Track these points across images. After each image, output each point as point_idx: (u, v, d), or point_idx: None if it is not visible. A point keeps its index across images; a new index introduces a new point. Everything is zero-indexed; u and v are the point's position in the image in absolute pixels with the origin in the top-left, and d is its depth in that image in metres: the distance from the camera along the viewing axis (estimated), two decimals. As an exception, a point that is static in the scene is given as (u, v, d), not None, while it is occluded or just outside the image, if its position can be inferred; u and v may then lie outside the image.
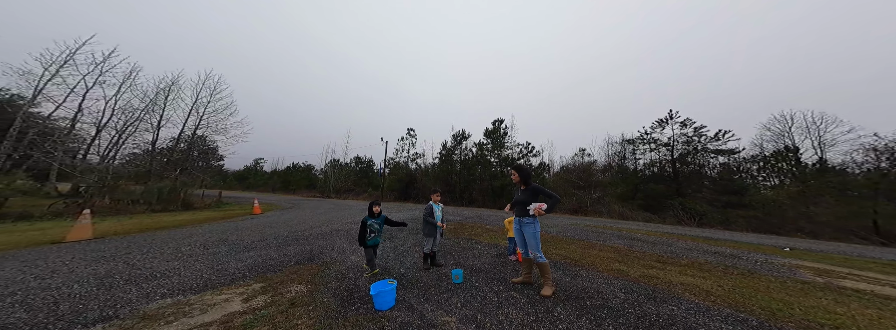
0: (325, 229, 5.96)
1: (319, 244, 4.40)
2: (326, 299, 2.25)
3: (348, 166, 34.40)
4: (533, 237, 2.42)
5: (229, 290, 2.44)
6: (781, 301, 2.44)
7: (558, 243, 4.94)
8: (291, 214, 9.42)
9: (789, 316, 2.12)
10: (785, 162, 16.04)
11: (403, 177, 25.22)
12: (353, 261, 3.44)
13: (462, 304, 2.19)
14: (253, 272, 2.94)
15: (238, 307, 2.08)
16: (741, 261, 4.25)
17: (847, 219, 10.77)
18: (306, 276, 2.84)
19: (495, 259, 3.64)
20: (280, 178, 39.97)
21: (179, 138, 14.84)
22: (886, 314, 2.25)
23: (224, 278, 2.73)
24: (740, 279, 3.15)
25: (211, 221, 7.27)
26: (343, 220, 7.81)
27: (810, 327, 1.93)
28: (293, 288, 2.50)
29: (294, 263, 3.33)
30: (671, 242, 5.97)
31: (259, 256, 3.59)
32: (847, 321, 2.06)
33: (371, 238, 2.73)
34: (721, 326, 1.86)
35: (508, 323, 1.87)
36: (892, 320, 2.13)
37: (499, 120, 22.84)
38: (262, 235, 5.19)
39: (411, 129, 28.21)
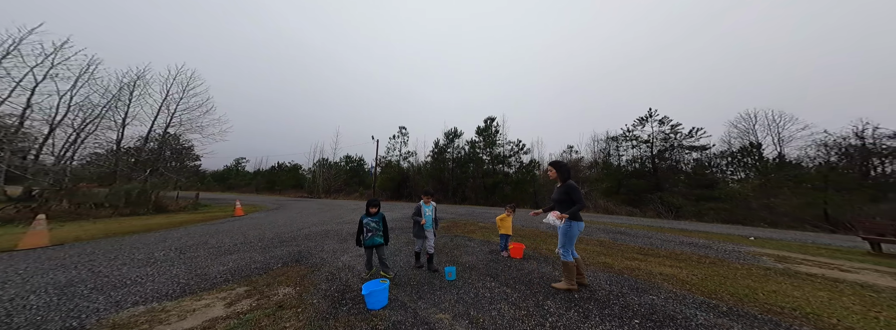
0: (314, 230, 5.79)
1: (308, 245, 4.27)
2: (316, 301, 2.19)
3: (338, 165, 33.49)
4: (563, 236, 2.39)
5: (210, 295, 2.31)
6: (747, 287, 2.65)
7: (547, 238, 5.09)
8: (277, 215, 9.07)
9: (754, 301, 2.30)
10: (750, 157, 17.36)
11: (395, 175, 24.92)
12: (345, 261, 3.37)
13: (455, 300, 2.20)
14: (236, 276, 2.80)
15: (220, 312, 1.98)
16: (712, 251, 4.57)
17: (802, 209, 11.87)
18: (294, 278, 2.74)
19: (488, 256, 3.69)
20: (264, 178, 38.36)
21: (148, 137, 13.78)
22: (835, 296, 2.51)
23: (204, 283, 2.58)
24: (712, 268, 3.39)
25: (187, 224, 6.85)
26: (334, 220, 7.62)
27: (772, 310, 2.11)
28: (280, 290, 2.42)
29: (281, 265, 3.21)
30: (651, 234, 6.32)
31: (242, 260, 3.42)
32: (802, 304, 2.27)
33: (368, 238, 2.66)
34: (695, 313, 1.99)
35: (501, 318, 1.90)
36: (839, 301, 2.37)
37: (490, 118, 23.01)
38: (246, 237, 4.96)
39: (403, 127, 27.85)
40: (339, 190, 28.11)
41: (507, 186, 19.84)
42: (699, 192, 15.15)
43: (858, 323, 1.92)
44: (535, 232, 5.84)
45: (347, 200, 22.66)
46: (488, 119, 23.10)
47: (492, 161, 22.07)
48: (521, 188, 19.58)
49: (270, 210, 10.79)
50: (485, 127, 22.99)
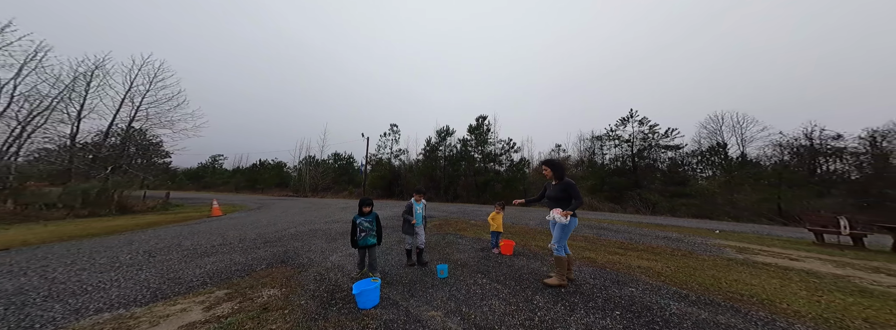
0: (300, 230, 5.58)
1: (295, 245, 4.12)
2: (304, 302, 2.12)
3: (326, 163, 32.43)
4: (560, 231, 2.42)
5: (186, 299, 2.17)
6: (713, 277, 2.88)
7: (536, 235, 5.23)
8: (260, 214, 8.65)
9: (718, 289, 2.51)
10: (716, 156, 18.82)
11: (386, 173, 24.53)
12: (334, 261, 3.28)
13: (447, 298, 2.22)
14: (215, 279, 2.65)
15: (198, 317, 1.87)
16: (683, 244, 4.92)
17: (759, 204, 13.05)
18: (280, 279, 2.64)
19: (479, 253, 3.73)
20: (244, 176, 36.42)
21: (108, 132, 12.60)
22: (785, 283, 2.79)
23: (178, 287, 2.42)
24: (683, 260, 3.65)
25: (157, 225, 6.37)
26: (322, 219, 7.38)
27: (733, 298, 2.31)
28: (265, 292, 2.32)
29: (265, 266, 3.07)
30: (631, 229, 6.69)
31: (221, 262, 3.24)
32: (758, 291, 2.50)
33: (361, 238, 2.61)
34: (669, 303, 2.14)
35: (492, 313, 1.94)
36: (789, 288, 2.64)
37: (482, 116, 23.14)
38: (225, 238, 4.69)
39: (394, 124, 27.38)
40: (328, 188, 27.30)
41: (498, 184, 20.15)
42: (673, 188, 16.24)
43: (804, 307, 2.15)
44: (524, 229, 5.99)
45: (336, 198, 22.04)
46: (480, 118, 23.26)
47: (483, 159, 22.25)
48: (512, 186, 19.96)
49: (252, 210, 10.27)
50: (477, 125, 23.13)
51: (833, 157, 15.81)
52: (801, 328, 1.79)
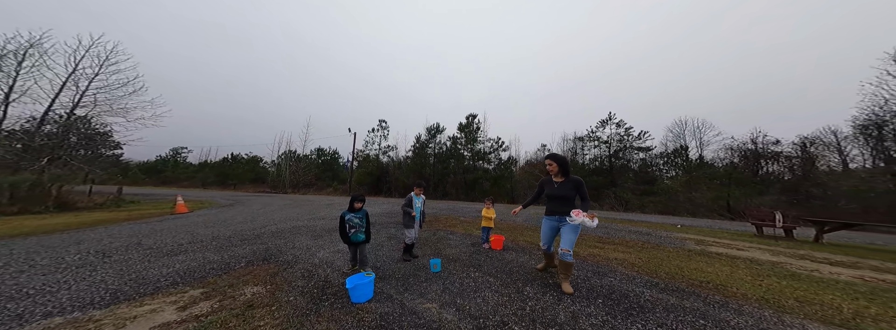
0: (282, 227, 5.29)
1: (276, 243, 3.90)
2: (293, 298, 2.03)
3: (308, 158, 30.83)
4: (572, 233, 2.18)
5: (155, 299, 1.98)
6: (676, 266, 3.19)
7: (524, 231, 5.42)
8: (234, 211, 8.04)
9: (681, 277, 2.79)
10: (679, 158, 20.72)
11: (374, 170, 23.88)
12: (322, 257, 3.16)
13: (441, 290, 2.24)
14: (187, 278, 2.44)
15: (172, 317, 1.72)
16: (652, 237, 5.38)
17: (714, 201, 14.62)
18: (263, 276, 2.49)
19: (470, 248, 3.79)
20: (213, 171, 33.57)
21: (44, 118, 10.92)
22: (734, 270, 3.17)
23: (143, 287, 2.20)
24: (652, 252, 3.99)
25: (108, 223, 5.68)
26: (305, 216, 7.04)
27: (693, 283, 2.59)
28: (247, 290, 2.18)
29: (244, 264, 2.88)
30: (608, 225, 7.17)
31: (193, 260, 2.99)
32: (713, 277, 2.82)
33: (352, 234, 2.54)
34: (642, 291, 2.34)
35: (485, 304, 2.00)
36: (736, 274, 3.00)
37: (472, 115, 23.31)
38: (195, 236, 4.31)
39: (383, 120, 26.72)
40: (310, 184, 26.07)
41: (487, 182, 20.52)
42: (643, 187, 17.66)
43: (749, 290, 2.46)
44: (512, 225, 6.16)
45: (319, 195, 21.11)
46: (470, 116, 23.42)
47: (472, 157, 22.44)
48: (499, 184, 20.42)
49: (224, 207, 9.52)
50: (466, 123, 23.27)
51: (772, 160, 18.15)
52: (748, 308, 2.05)
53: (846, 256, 4.33)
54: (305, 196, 18.52)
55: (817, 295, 2.40)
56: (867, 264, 3.74)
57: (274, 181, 27.55)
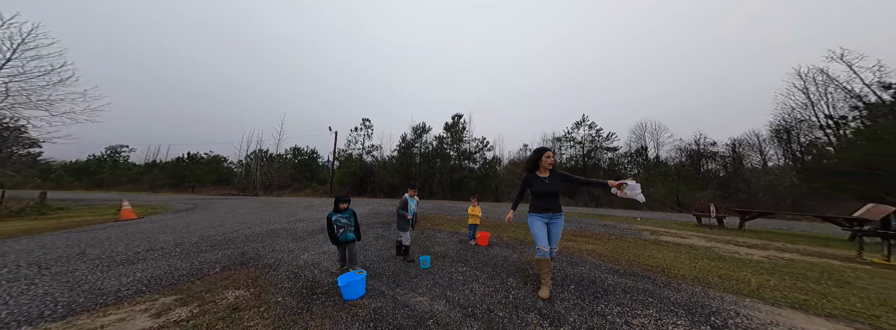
0: (257, 230, 4.97)
1: (253, 247, 3.69)
2: (281, 299, 2.00)
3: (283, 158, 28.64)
4: (560, 232, 2.23)
5: (120, 308, 1.82)
6: (635, 254, 3.65)
7: (507, 228, 5.69)
8: (196, 215, 7.31)
9: (638, 263, 3.20)
10: (640, 157, 23.06)
11: (357, 170, 22.90)
12: (307, 259, 3.08)
13: (431, 285, 2.34)
14: (153, 286, 2.25)
15: (146, 323, 1.61)
16: (616, 230, 6.01)
17: (666, 196, 16.55)
18: (243, 280, 2.39)
19: (458, 245, 3.93)
20: (166, 172, 29.85)
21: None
22: (677, 255, 3.71)
23: (103, 298, 2.00)
24: (616, 242, 4.49)
25: (34, 232, 4.88)
26: (283, 219, 6.65)
27: (647, 269, 2.99)
28: (229, 294, 2.09)
29: (219, 269, 2.72)
30: (581, 219, 7.82)
31: (157, 268, 2.74)
32: (662, 262, 3.28)
33: (341, 234, 2.53)
34: (607, 276, 2.67)
35: (473, 295, 2.15)
36: (679, 258, 3.52)
37: (458, 115, 23.36)
38: (153, 243, 3.90)
39: (367, 119, 25.65)
40: (285, 186, 24.34)
41: (472, 181, 20.83)
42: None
43: (687, 271, 2.92)
44: (496, 222, 6.43)
45: (296, 196, 19.81)
46: (456, 116, 23.50)
47: (458, 157, 22.55)
48: (485, 183, 20.85)
49: (182, 211, 8.59)
50: (453, 123, 23.32)
51: (710, 159, 21.08)
52: (685, 286, 2.46)
53: (759, 239, 5.26)
54: (280, 198, 17.30)
55: (735, 272, 2.93)
56: (773, 246, 4.60)
57: (242, 183, 25.31)
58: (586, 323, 1.69)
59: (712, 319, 1.79)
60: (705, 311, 1.91)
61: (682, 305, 1.99)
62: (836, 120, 16.61)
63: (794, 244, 4.84)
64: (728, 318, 1.81)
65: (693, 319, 1.79)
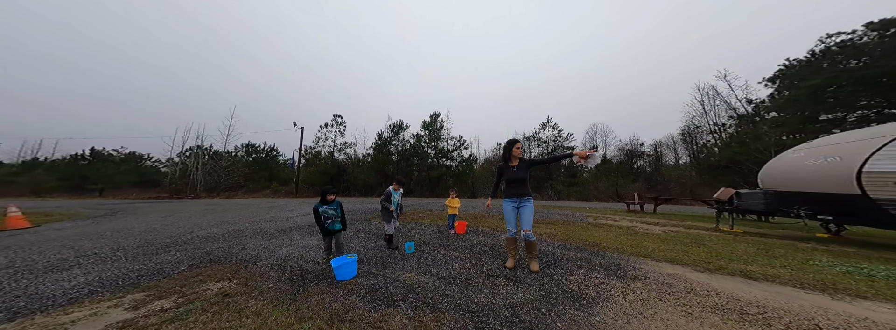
0: (216, 232, 4.55)
1: (219, 246, 3.45)
2: (272, 285, 2.06)
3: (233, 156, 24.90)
4: (531, 214, 2.43)
5: (83, 307, 1.69)
6: (579, 234, 4.42)
7: (483, 218, 6.18)
8: (122, 221, 6.24)
9: (583, 241, 3.93)
10: None
11: (328, 168, 21.32)
12: (287, 253, 3.05)
13: (417, 265, 2.61)
14: (110, 286, 2.07)
15: (125, 316, 1.57)
16: (570, 217, 7.04)
17: (609, 188, 19.48)
18: (222, 275, 2.32)
19: (438, 234, 4.26)
20: (58, 173, 23.73)
21: None
22: (610, 234, 4.58)
23: (50, 301, 1.80)
24: (569, 227, 5.33)
25: None
26: (244, 220, 6.10)
27: (587, 244, 3.70)
28: (211, 286, 2.05)
29: (185, 268, 2.55)
30: (544, 210, 8.84)
31: (104, 271, 2.47)
32: (599, 239, 4.06)
33: (328, 225, 2.62)
34: (557, 251, 3.27)
35: (453, 269, 2.49)
36: (609, 235, 4.37)
37: (436, 113, 23.32)
38: (79, 250, 3.35)
39: (339, 115, 23.79)
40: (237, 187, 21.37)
41: (450, 179, 21.16)
42: (569, 180, 21.94)
43: (612, 244, 3.69)
44: (473, 214, 6.93)
45: (254, 198, 17.65)
46: (434, 114, 23.42)
47: (436, 155, 22.57)
48: (462, 180, 21.38)
49: (98, 217, 7.16)
50: (431, 121, 23.20)
51: (639, 157, 25.52)
52: (608, 254, 3.16)
53: (663, 219, 6.81)
54: (233, 200, 15.27)
55: (641, 242, 3.84)
56: (670, 223, 6.03)
57: (177, 184, 21.49)
58: (538, 282, 2.18)
59: (618, 272, 2.44)
60: (615, 268, 2.57)
61: (603, 266, 2.64)
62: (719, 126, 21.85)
63: (683, 221, 6.40)
64: (627, 271, 2.49)
65: (607, 273, 2.42)
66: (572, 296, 1.89)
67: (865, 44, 13.45)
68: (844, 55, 13.94)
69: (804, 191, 4.56)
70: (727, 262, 2.85)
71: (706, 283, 2.20)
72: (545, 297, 1.88)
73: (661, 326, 1.50)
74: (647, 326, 1.49)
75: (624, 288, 2.05)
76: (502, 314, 1.62)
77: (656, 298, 1.88)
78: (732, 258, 3.03)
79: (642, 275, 2.37)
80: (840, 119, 14.09)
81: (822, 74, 13.98)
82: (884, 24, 12.88)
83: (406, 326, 1.46)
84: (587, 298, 1.87)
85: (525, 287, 2.06)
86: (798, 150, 5.06)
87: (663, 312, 1.65)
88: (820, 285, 2.18)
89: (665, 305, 1.75)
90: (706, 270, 2.57)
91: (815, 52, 15.30)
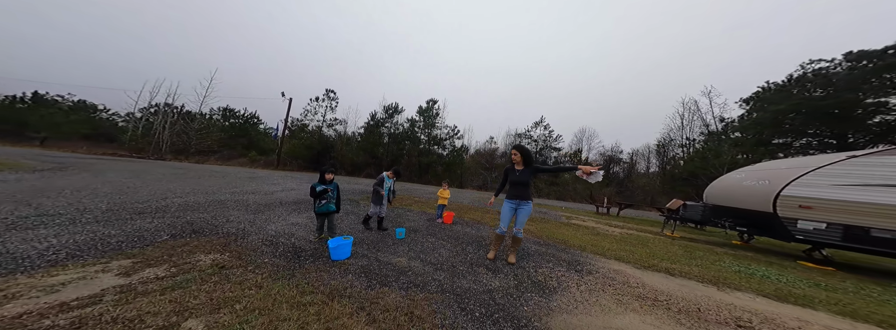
0: (192, 200, 4.36)
1: (200, 216, 3.36)
2: (267, 260, 2.12)
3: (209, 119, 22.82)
4: (526, 216, 2.59)
5: (67, 270, 1.66)
6: (552, 232, 4.82)
7: (468, 211, 6.45)
8: (79, 179, 5.74)
9: (554, 238, 4.31)
10: (576, 158, 27.83)
11: (314, 143, 20.47)
12: (276, 229, 3.07)
13: (407, 251, 2.77)
14: (89, 251, 2.02)
15: (117, 281, 1.58)
16: (548, 215, 7.56)
17: (584, 190, 20.89)
18: (211, 247, 2.33)
19: (427, 222, 4.45)
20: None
21: None
22: (577, 232, 5.08)
23: (26, 261, 1.73)
24: (545, 224, 5.76)
25: None
26: (225, 189, 5.87)
27: (558, 241, 4.08)
28: (203, 257, 2.08)
29: (168, 237, 2.51)
30: (518, 205, 9.43)
31: (76, 234, 2.37)
32: (566, 237, 4.48)
33: (323, 205, 2.63)
34: (532, 246, 3.58)
35: (440, 257, 2.68)
36: (577, 234, 4.84)
37: (433, 100, 22.92)
38: (39, 208, 3.12)
39: (331, 90, 22.57)
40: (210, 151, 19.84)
41: (440, 167, 21.25)
42: (552, 180, 23.08)
43: (577, 242, 4.12)
44: (460, 205, 7.17)
45: (229, 165, 16.55)
46: (430, 101, 22.95)
47: (429, 142, 22.35)
48: (451, 169, 21.56)
49: (45, 171, 6.46)
50: (427, 108, 22.73)
51: (617, 164, 27.41)
52: (572, 251, 3.53)
53: (624, 222, 7.63)
54: (205, 166, 14.25)
55: (602, 242, 4.33)
56: (628, 226, 6.79)
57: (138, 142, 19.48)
58: (513, 272, 2.46)
59: (577, 267, 2.81)
60: (576, 263, 2.94)
61: (566, 261, 3.00)
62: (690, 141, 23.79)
63: (638, 225, 7.22)
64: (584, 266, 2.86)
65: (569, 267, 2.77)
66: (538, 285, 2.18)
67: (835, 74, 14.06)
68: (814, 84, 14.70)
69: (734, 206, 5.43)
70: (659, 261, 3.38)
71: (639, 277, 2.63)
72: (517, 285, 2.15)
73: (598, 310, 1.83)
74: (588, 310, 1.81)
75: (579, 280, 2.39)
76: (481, 298, 1.86)
77: (600, 288, 2.23)
78: (664, 258, 3.60)
79: (595, 270, 2.75)
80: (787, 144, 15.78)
81: (790, 101, 14.77)
82: (859, 55, 13.35)
83: (400, 303, 1.65)
84: (550, 287, 2.17)
85: (501, 276, 2.33)
86: (741, 171, 5.90)
87: (602, 300, 2.00)
88: (715, 280, 2.74)
89: (605, 295, 2.11)
90: (641, 267, 3.04)
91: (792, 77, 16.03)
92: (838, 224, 3.94)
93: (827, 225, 4.02)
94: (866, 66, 13.38)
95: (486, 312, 1.65)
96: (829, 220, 4.00)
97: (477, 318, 1.58)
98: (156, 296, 1.45)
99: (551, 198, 19.68)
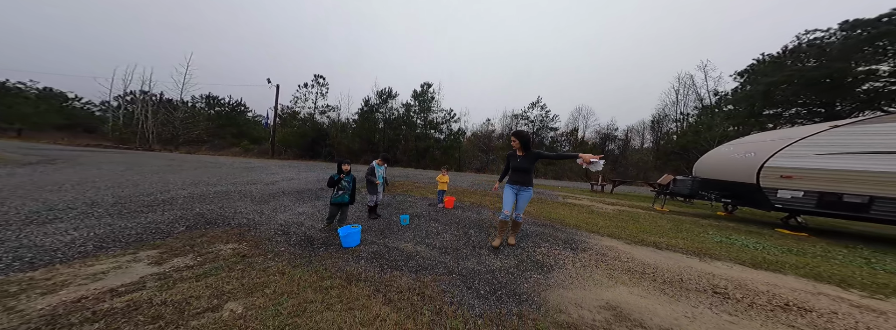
0: (198, 192, 4.43)
1: (209, 208, 3.46)
2: (283, 248, 2.27)
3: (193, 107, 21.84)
4: (526, 201, 2.67)
5: (100, 261, 1.77)
6: (549, 212, 5.05)
7: (467, 193, 6.62)
8: (76, 172, 5.76)
9: (549, 218, 4.53)
10: (573, 136, 27.86)
11: (308, 131, 20.09)
12: (285, 219, 3.19)
13: (412, 236, 2.93)
14: (113, 243, 2.14)
15: (151, 270, 1.71)
16: (545, 196, 7.80)
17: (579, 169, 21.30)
18: (228, 237, 2.46)
19: (429, 207, 4.59)
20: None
21: None
22: (572, 211, 5.31)
23: (59, 254, 1.84)
24: (541, 205, 5.97)
25: None
26: (224, 181, 5.91)
27: (554, 221, 4.28)
28: (223, 247, 2.21)
29: (184, 228, 2.63)
30: (518, 187, 9.71)
31: (95, 227, 2.47)
32: (563, 216, 4.72)
33: (339, 196, 2.72)
34: (532, 228, 3.76)
35: (444, 241, 2.85)
36: (572, 213, 5.06)
37: (427, 83, 22.05)
38: (47, 203, 3.18)
39: (320, 76, 21.58)
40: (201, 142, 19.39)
41: (437, 151, 21.18)
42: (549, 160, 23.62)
43: (572, 221, 4.33)
44: (460, 189, 7.33)
45: (221, 155, 16.27)
46: (425, 84, 22.05)
47: (425, 126, 21.98)
48: (449, 153, 21.50)
49: (36, 164, 6.38)
50: (421, 92, 21.92)
51: (612, 141, 27.68)
52: (568, 229, 3.75)
53: (617, 199, 7.95)
54: (197, 156, 14.02)
55: (596, 220, 4.59)
56: (621, 203, 7.09)
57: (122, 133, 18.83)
58: (513, 253, 2.65)
59: (573, 245, 3.01)
60: (571, 242, 3.15)
61: (562, 240, 3.21)
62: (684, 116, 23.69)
63: (630, 202, 7.55)
64: (579, 243, 3.08)
65: (565, 246, 2.97)
66: (537, 264, 2.37)
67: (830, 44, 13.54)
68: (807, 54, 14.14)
69: (721, 179, 5.60)
70: (648, 235, 3.64)
71: (628, 252, 2.85)
72: (518, 265, 2.34)
73: (591, 284, 2.03)
74: (582, 285, 2.00)
75: (574, 258, 2.59)
76: (485, 277, 2.04)
77: (593, 264, 2.43)
78: (652, 232, 3.86)
79: (589, 247, 2.97)
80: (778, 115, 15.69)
81: (783, 72, 14.38)
82: (855, 24, 12.87)
83: (411, 285, 1.82)
84: (547, 265, 2.36)
85: (503, 257, 2.52)
86: (730, 145, 6.01)
87: (595, 275, 2.20)
88: (698, 251, 2.99)
89: (597, 270, 2.31)
90: (631, 242, 3.28)
91: (787, 48, 15.41)
92: (814, 191, 4.12)
93: (803, 193, 4.21)
94: (860, 34, 12.74)
95: (490, 290, 1.84)
96: (806, 188, 4.17)
97: (482, 295, 1.77)
98: (192, 282, 1.59)
99: (548, 177, 20.15)
